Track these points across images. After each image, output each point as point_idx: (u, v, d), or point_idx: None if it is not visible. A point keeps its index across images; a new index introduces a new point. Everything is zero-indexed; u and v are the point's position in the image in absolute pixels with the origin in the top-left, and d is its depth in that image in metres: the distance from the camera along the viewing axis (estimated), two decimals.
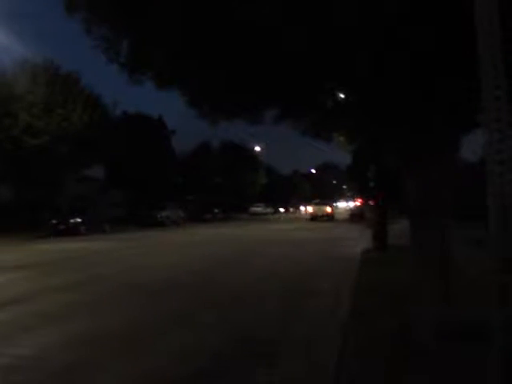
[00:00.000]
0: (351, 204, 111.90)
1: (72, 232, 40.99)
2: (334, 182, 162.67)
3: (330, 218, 70.77)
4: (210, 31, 6.85)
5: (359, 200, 77.83)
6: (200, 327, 10.58)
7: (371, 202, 29.91)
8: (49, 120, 42.96)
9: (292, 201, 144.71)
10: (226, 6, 6.49)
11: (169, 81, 8.09)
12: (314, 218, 71.09)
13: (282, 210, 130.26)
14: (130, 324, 10.89)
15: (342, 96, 8.77)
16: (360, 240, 29.96)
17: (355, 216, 66.27)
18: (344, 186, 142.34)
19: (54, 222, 41.69)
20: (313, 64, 6.89)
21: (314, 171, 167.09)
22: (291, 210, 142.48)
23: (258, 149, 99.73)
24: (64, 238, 38.56)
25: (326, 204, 76.72)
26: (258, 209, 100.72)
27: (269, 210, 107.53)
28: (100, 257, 25.44)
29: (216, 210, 74.36)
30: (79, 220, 42.30)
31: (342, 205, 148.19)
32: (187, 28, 6.84)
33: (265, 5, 6.26)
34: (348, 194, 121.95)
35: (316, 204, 76.09)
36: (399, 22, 6.12)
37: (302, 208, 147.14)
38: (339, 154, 47.47)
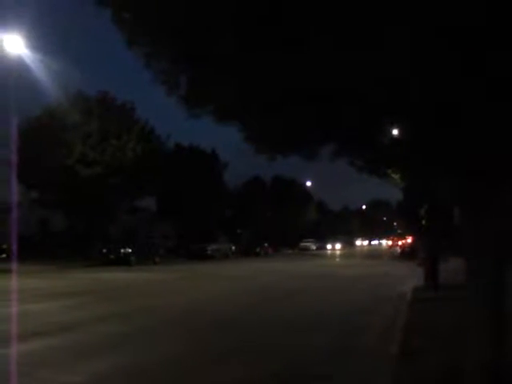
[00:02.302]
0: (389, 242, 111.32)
1: (122, 262, 41.31)
2: (384, 218, 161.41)
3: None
4: (273, 73, 6.90)
5: (410, 237, 77.01)
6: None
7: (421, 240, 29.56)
8: (103, 150, 43.68)
9: (342, 236, 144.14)
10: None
11: (227, 117, 8.15)
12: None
13: (330, 245, 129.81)
14: (173, 358, 10.87)
15: (395, 133, 8.73)
16: (411, 278, 29.54)
17: (406, 253, 65.35)
18: (394, 223, 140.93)
19: (104, 251, 42.11)
20: (371, 99, 6.87)
21: (364, 207, 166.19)
22: (340, 245, 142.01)
23: (309, 184, 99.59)
24: (114, 267, 38.90)
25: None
26: (308, 244, 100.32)
27: (318, 245, 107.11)
28: (148, 288, 25.58)
29: (266, 244, 74.13)
30: (129, 250, 42.61)
31: (393, 242, 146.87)
32: (249, 67, 6.90)
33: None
34: (399, 231, 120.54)
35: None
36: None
37: (358, 242, 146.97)
38: (390, 190, 47.13)
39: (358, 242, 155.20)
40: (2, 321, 14.36)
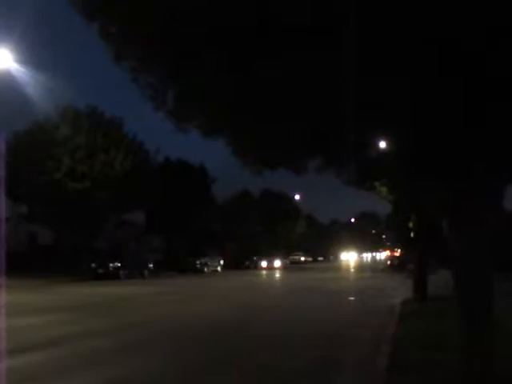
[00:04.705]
0: (387, 254, 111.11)
1: (111, 276, 41.15)
2: (374, 231, 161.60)
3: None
4: (260, 89, 6.95)
5: (398, 250, 77.26)
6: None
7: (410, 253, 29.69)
8: (91, 165, 43.62)
9: (331, 250, 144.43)
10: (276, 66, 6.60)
11: (215, 131, 8.18)
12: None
13: (320, 258, 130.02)
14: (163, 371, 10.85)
15: (383, 147, 8.78)
16: (399, 290, 29.58)
17: (394, 266, 65.44)
18: (383, 236, 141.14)
19: (93, 265, 41.91)
20: (357, 115, 6.92)
21: (353, 220, 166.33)
22: (331, 258, 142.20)
23: (297, 197, 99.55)
24: (103, 282, 38.76)
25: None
26: (297, 257, 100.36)
27: (307, 258, 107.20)
28: (136, 303, 25.50)
29: (255, 258, 73.94)
30: (118, 264, 42.44)
31: (383, 254, 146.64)
32: (238, 84, 6.94)
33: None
34: (387, 244, 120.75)
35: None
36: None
37: (345, 256, 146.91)
38: (379, 203, 47.29)
39: (344, 256, 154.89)
40: None
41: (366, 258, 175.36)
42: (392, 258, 78.28)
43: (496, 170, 7.45)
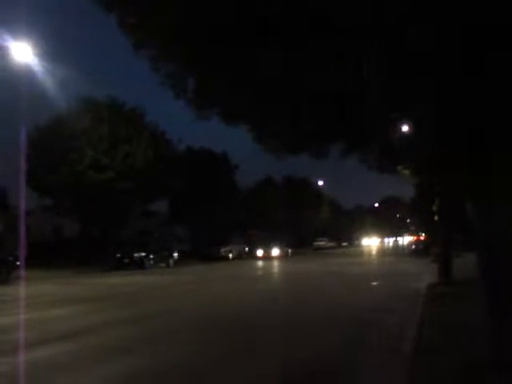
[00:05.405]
0: (411, 238, 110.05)
1: (136, 266, 41.38)
2: (398, 215, 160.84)
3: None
4: (277, 74, 6.93)
5: (422, 234, 76.84)
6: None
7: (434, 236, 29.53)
8: (114, 155, 43.76)
9: (355, 235, 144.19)
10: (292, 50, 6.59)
11: (236, 117, 8.17)
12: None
13: (344, 243, 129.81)
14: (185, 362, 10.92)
15: (406, 129, 8.71)
16: (424, 274, 29.44)
17: (419, 250, 65.02)
18: (408, 220, 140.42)
19: (118, 255, 42.07)
20: (379, 97, 6.89)
21: (377, 205, 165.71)
22: (355, 243, 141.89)
23: (321, 183, 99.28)
24: (128, 271, 39.03)
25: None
26: (322, 243, 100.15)
27: (332, 244, 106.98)
28: (161, 291, 25.63)
29: (281, 244, 73.48)
30: (143, 254, 42.59)
31: (407, 239, 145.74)
32: (255, 69, 6.93)
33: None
34: (412, 228, 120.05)
35: None
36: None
37: (369, 241, 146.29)
38: (403, 186, 47.06)
39: (368, 241, 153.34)
40: (18, 328, 14.39)
41: (389, 242, 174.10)
42: (417, 242, 77.80)
43: None
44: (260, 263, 52.52)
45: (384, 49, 6.30)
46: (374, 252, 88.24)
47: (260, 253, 65.79)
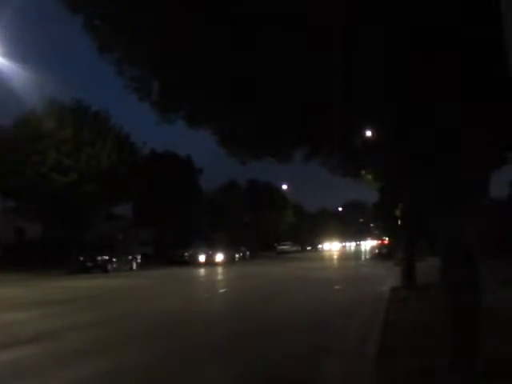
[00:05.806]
0: (375, 242, 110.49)
1: (99, 269, 41.17)
2: (361, 220, 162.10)
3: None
4: (243, 76, 6.96)
5: (385, 238, 77.49)
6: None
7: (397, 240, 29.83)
8: (78, 158, 43.45)
9: (319, 239, 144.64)
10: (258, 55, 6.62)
11: (200, 120, 8.19)
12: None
13: (309, 248, 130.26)
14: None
15: (369, 134, 8.81)
16: (388, 278, 29.69)
17: (382, 254, 65.51)
18: (371, 224, 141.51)
19: (81, 259, 41.76)
20: (342, 103, 6.95)
21: (341, 209, 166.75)
22: (318, 247, 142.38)
23: (285, 187, 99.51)
24: (91, 275, 38.78)
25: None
26: (285, 247, 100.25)
27: (296, 248, 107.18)
28: (123, 294, 25.51)
29: (243, 249, 73.64)
30: (106, 257, 42.35)
31: (370, 243, 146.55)
32: (220, 72, 6.96)
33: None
34: (375, 232, 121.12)
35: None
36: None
37: (332, 245, 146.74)
38: (367, 192, 47.53)
39: (331, 245, 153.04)
40: None
41: (352, 246, 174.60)
42: (380, 246, 78.39)
43: (482, 156, 7.50)
44: (223, 268, 52.42)
45: (345, 55, 6.36)
46: (337, 256, 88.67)
47: (202, 258, 58.63)
